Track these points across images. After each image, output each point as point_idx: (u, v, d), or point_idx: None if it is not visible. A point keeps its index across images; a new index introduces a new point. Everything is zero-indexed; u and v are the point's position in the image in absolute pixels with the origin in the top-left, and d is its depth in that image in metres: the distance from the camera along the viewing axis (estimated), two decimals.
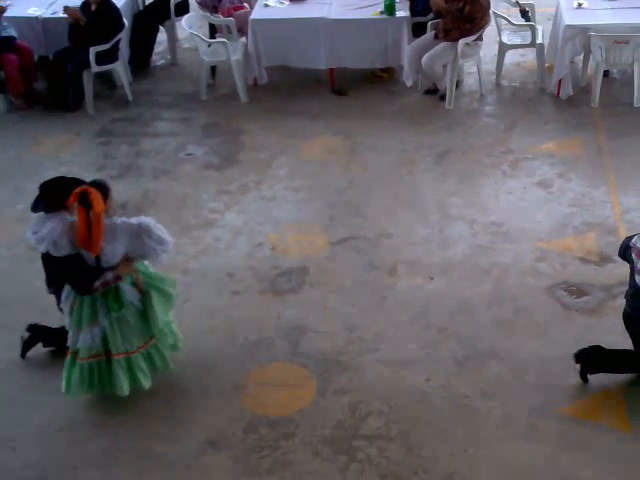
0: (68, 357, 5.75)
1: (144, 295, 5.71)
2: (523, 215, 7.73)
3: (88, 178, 8.08)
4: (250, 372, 6.16)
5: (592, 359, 5.83)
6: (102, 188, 5.44)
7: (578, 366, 5.87)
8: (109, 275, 5.49)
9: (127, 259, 5.54)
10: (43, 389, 6.05)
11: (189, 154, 9.05)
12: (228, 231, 7.74)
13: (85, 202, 5.26)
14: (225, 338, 6.48)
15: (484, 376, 6.03)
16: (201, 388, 6.04)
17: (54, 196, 5.48)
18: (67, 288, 5.62)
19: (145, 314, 5.73)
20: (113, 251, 5.43)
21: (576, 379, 5.88)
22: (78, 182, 5.53)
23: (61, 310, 5.77)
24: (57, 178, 5.67)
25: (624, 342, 5.85)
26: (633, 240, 5.42)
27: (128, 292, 5.63)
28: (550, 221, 7.63)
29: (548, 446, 5.47)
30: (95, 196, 5.28)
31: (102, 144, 9.32)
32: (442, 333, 6.44)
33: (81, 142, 9.40)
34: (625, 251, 5.53)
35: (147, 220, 5.58)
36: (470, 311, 6.64)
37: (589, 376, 5.87)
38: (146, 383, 5.85)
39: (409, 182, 8.36)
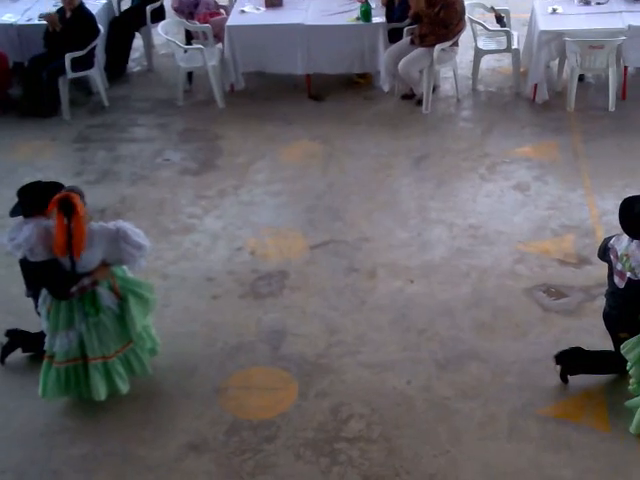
0: (45, 361, 5.72)
1: (122, 300, 5.68)
2: (501, 218, 7.77)
3: (66, 184, 8.13)
4: (231, 376, 6.15)
5: (572, 360, 5.86)
6: (79, 194, 5.42)
7: (558, 367, 5.90)
8: (86, 280, 5.47)
9: (104, 264, 5.51)
10: (23, 394, 6.00)
11: (166, 160, 9.03)
12: (207, 236, 7.72)
13: (66, 208, 5.24)
14: (205, 342, 6.46)
15: (465, 378, 6.05)
16: (182, 392, 6.01)
17: (32, 201, 5.46)
18: (44, 292, 5.58)
19: (123, 318, 5.71)
20: (90, 256, 5.41)
21: (556, 380, 5.90)
22: (56, 186, 5.51)
23: (39, 313, 5.73)
24: (34, 183, 5.66)
25: (603, 343, 5.89)
26: (611, 241, 5.46)
27: (105, 297, 5.61)
28: (528, 224, 7.67)
29: (530, 446, 5.49)
30: (78, 200, 5.26)
31: (79, 150, 9.28)
32: (422, 335, 6.45)
33: (57, 148, 9.35)
34: (605, 252, 5.56)
35: (124, 225, 5.56)
36: (450, 313, 6.66)
37: (569, 377, 5.90)
38: (124, 388, 5.82)
39: (388, 186, 8.37)
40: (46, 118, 9.84)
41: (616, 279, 5.40)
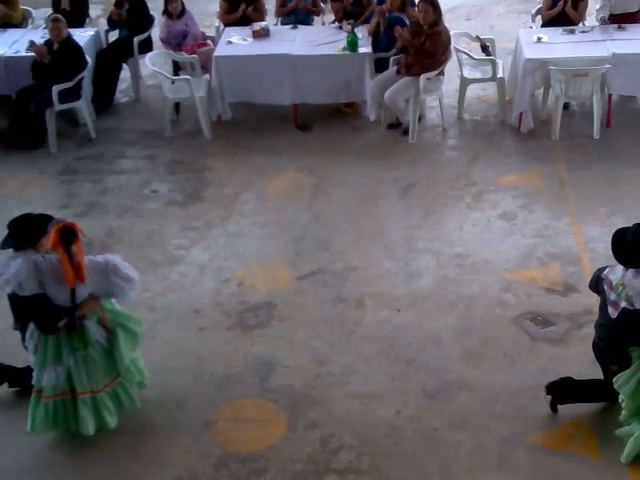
0: (33, 395, 5.69)
1: (110, 333, 5.66)
2: (488, 247, 7.80)
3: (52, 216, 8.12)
4: (219, 408, 6.12)
5: (563, 390, 5.86)
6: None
7: (548, 397, 5.90)
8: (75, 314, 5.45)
9: (92, 298, 5.50)
10: (9, 430, 5.97)
11: (154, 191, 9.03)
12: (194, 267, 7.72)
13: (68, 237, 5.25)
14: (193, 375, 6.44)
15: (454, 407, 6.04)
16: (170, 425, 5.98)
17: (23, 234, 5.45)
18: (31, 326, 5.56)
19: (111, 352, 5.69)
20: (81, 290, 5.40)
21: (545, 409, 5.91)
22: (46, 219, 5.51)
23: (26, 348, 5.71)
24: (25, 215, 5.65)
25: (590, 371, 5.90)
26: (605, 272, 5.46)
27: (94, 330, 5.59)
28: (514, 252, 7.70)
29: (519, 476, 5.48)
30: (78, 228, 5.29)
31: (66, 182, 9.28)
32: (411, 365, 6.45)
33: (44, 181, 9.35)
34: (597, 283, 5.56)
35: (113, 258, 5.57)
36: (438, 343, 6.66)
37: (559, 406, 5.90)
38: (112, 422, 5.79)
39: (374, 216, 8.40)
40: (33, 150, 9.85)
41: (609, 309, 5.39)
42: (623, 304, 5.27)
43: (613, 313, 5.35)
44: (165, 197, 8.92)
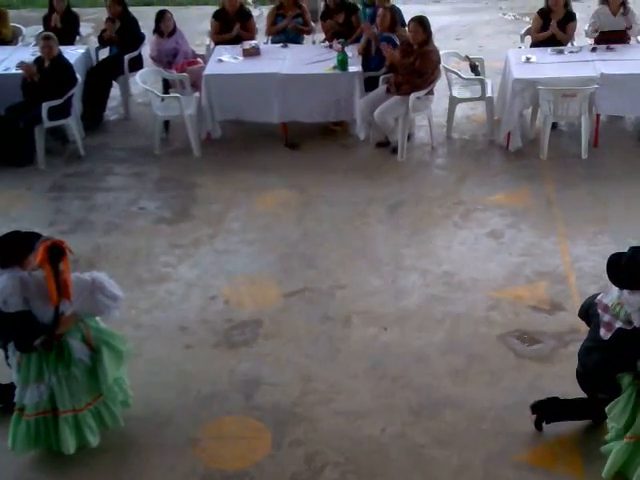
0: (15, 413, 5.65)
1: (94, 351, 5.63)
2: (475, 265, 7.80)
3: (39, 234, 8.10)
4: (204, 426, 6.09)
5: (548, 410, 5.85)
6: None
7: (534, 416, 5.89)
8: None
9: (70, 315, 5.46)
10: None
11: (142, 208, 9.02)
12: (181, 285, 7.70)
13: (56, 254, 5.23)
14: (178, 392, 6.41)
15: (440, 425, 6.03)
16: (154, 443, 5.95)
17: (9, 251, 5.42)
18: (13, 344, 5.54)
19: (94, 371, 5.65)
20: (66, 307, 5.38)
21: (530, 426, 5.89)
22: (33, 236, 5.49)
23: (9, 365, 5.68)
24: (12, 233, 5.61)
25: (576, 388, 5.87)
26: (599, 297, 5.45)
27: (77, 349, 5.56)
28: (501, 271, 7.70)
29: None
30: (66, 245, 5.29)
31: (54, 199, 9.27)
32: (397, 383, 6.43)
33: (32, 197, 9.33)
34: (588, 308, 5.56)
35: (100, 275, 5.55)
36: (424, 360, 6.65)
37: (544, 425, 5.89)
38: (94, 441, 5.74)
39: (362, 234, 8.40)
40: (21, 167, 9.84)
41: (602, 331, 5.34)
42: (618, 324, 5.24)
43: (606, 334, 5.32)
44: (153, 214, 8.91)
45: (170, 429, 6.07)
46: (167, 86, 10.74)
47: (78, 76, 10.10)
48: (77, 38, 11.64)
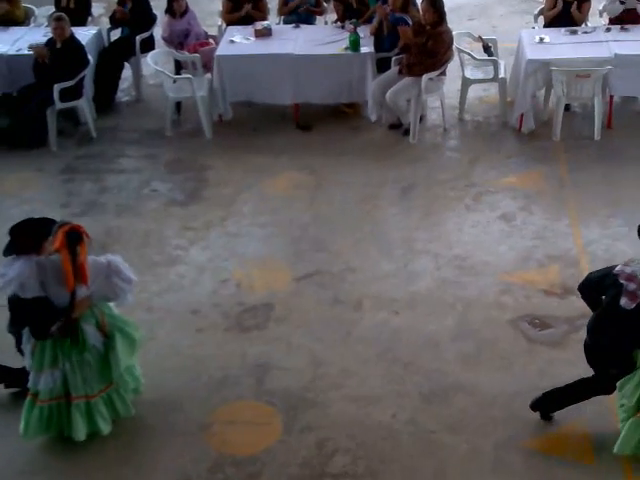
0: (28, 399, 5.67)
1: (108, 338, 5.65)
2: (487, 248, 7.78)
3: (52, 216, 8.11)
4: (215, 410, 6.12)
5: (547, 404, 5.84)
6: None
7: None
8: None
9: (84, 298, 5.47)
10: (4, 432, 5.96)
11: (153, 190, 9.02)
12: (193, 268, 7.71)
13: (74, 239, 5.25)
14: (190, 376, 6.43)
15: (450, 411, 6.03)
16: (166, 428, 5.98)
17: (25, 239, 5.42)
18: (28, 330, 5.56)
19: (107, 358, 5.67)
20: (81, 292, 5.39)
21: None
22: (47, 222, 5.50)
23: (20, 352, 5.70)
24: (26, 220, 5.62)
25: (588, 373, 5.87)
26: (618, 268, 5.34)
27: (91, 335, 5.57)
28: (513, 254, 7.68)
29: None
30: (84, 231, 5.32)
31: (65, 181, 9.28)
32: (408, 368, 6.44)
33: (44, 179, 9.34)
34: (601, 280, 5.45)
35: (115, 259, 5.56)
36: (435, 345, 6.65)
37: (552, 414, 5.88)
38: (105, 428, 5.77)
39: (374, 217, 8.39)
40: (33, 149, 9.83)
41: (624, 301, 5.23)
42: None
43: (629, 304, 5.20)
44: (165, 196, 8.91)
45: (181, 414, 6.10)
46: (179, 67, 10.71)
47: (90, 57, 10.07)
48: (89, 19, 11.60)
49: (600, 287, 5.49)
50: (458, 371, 6.38)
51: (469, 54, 10.12)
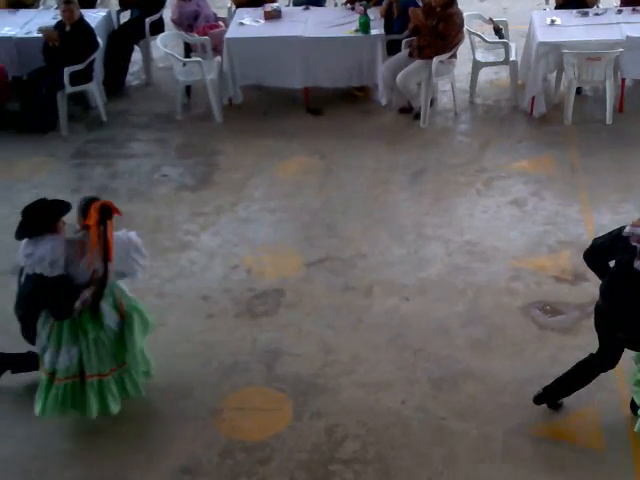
0: (44, 378, 5.69)
1: (126, 318, 5.67)
2: (497, 234, 7.77)
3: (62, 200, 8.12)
4: (226, 396, 6.14)
5: (549, 397, 5.82)
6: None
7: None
8: (85, 294, 5.45)
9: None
10: (15, 418, 6.00)
11: (164, 175, 9.02)
12: (203, 253, 7.72)
13: (106, 214, 5.30)
14: (200, 362, 6.45)
15: (460, 397, 6.04)
16: (176, 413, 6.00)
17: (39, 220, 5.43)
18: (44, 312, 5.57)
19: (121, 338, 5.69)
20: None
21: None
22: (60, 203, 5.51)
23: (27, 338, 5.71)
24: (39, 201, 5.62)
25: None
26: (627, 230, 5.23)
27: (108, 314, 5.60)
28: (524, 240, 7.66)
29: (524, 467, 5.48)
30: (115, 207, 5.38)
31: (76, 166, 9.28)
32: (418, 354, 6.44)
33: (55, 164, 9.35)
34: (612, 244, 5.32)
35: (134, 234, 5.63)
36: (446, 332, 6.65)
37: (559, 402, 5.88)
38: (115, 408, 5.79)
39: (384, 202, 8.38)
40: (44, 133, 9.84)
41: (637, 263, 5.14)
42: None
43: None
44: (175, 181, 8.91)
45: (192, 400, 6.12)
46: (188, 50, 10.68)
47: (99, 40, 10.04)
48: (98, 1, 11.58)
49: (610, 251, 5.37)
50: (468, 357, 6.38)
51: (480, 36, 10.06)
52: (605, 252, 5.43)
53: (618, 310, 5.37)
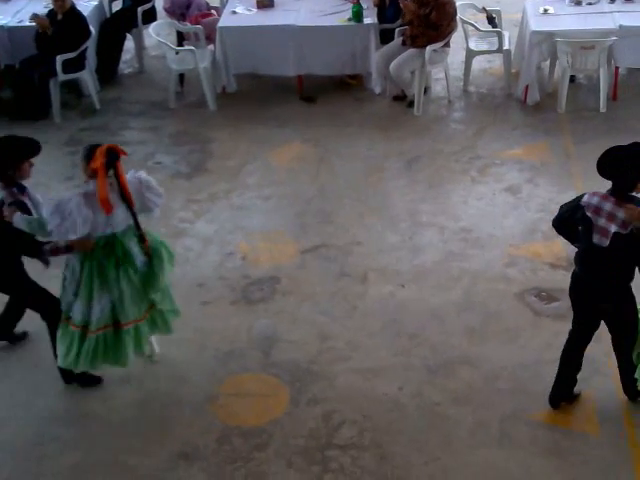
0: (75, 332, 5.66)
1: (154, 253, 5.71)
2: (492, 221, 7.78)
3: (58, 188, 8.14)
4: (222, 383, 6.15)
5: (561, 395, 5.80)
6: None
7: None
8: (61, 243, 5.44)
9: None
10: (13, 402, 6.01)
11: (158, 163, 9.01)
12: (198, 240, 7.71)
13: (114, 158, 5.32)
14: (196, 349, 6.45)
15: (456, 383, 6.06)
16: (173, 400, 6.01)
17: (3, 156, 5.50)
18: (71, 264, 5.56)
19: (150, 278, 5.71)
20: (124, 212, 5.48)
21: (547, 385, 5.87)
22: (31, 143, 5.69)
23: (42, 260, 5.69)
24: (9, 137, 5.71)
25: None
26: (584, 199, 5.18)
27: (137, 256, 5.65)
28: (519, 227, 7.68)
29: (520, 452, 5.50)
30: (120, 148, 5.42)
31: (70, 153, 9.24)
32: (413, 341, 6.45)
33: (48, 152, 9.13)
34: (573, 213, 5.27)
35: (144, 174, 5.66)
36: (441, 318, 6.67)
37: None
38: (146, 348, 5.91)
39: (379, 189, 8.38)
40: (37, 121, 9.80)
41: (596, 238, 5.09)
42: (613, 229, 4.97)
43: (603, 241, 5.05)
44: (169, 169, 8.90)
45: (188, 386, 6.13)
46: (181, 38, 10.65)
47: (92, 29, 10.01)
48: None
49: (572, 221, 5.33)
50: (464, 344, 6.40)
51: (473, 25, 10.06)
52: (569, 221, 5.39)
53: (593, 280, 5.31)
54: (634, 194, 5.03)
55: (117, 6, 11.37)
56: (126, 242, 5.57)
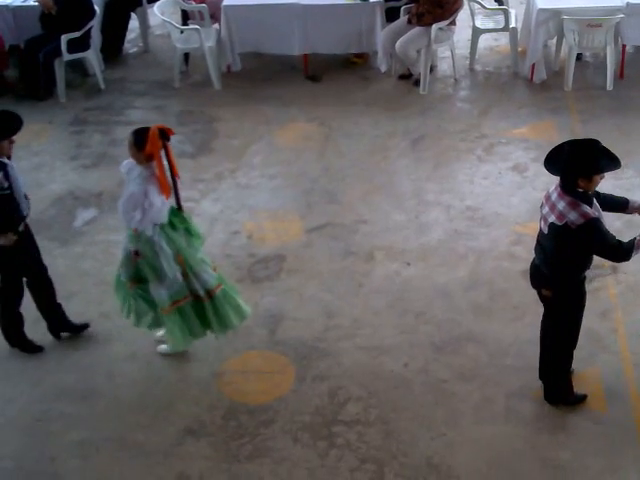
0: (171, 311, 5.75)
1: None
2: (498, 200, 7.76)
3: (62, 168, 8.13)
4: (228, 360, 6.16)
5: (551, 392, 5.77)
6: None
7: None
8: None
9: None
10: (20, 380, 6.04)
11: None
12: (204, 219, 7.70)
13: (166, 137, 5.51)
14: None
15: (462, 360, 6.06)
16: (180, 377, 6.04)
17: None
18: (157, 247, 5.59)
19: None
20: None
21: None
22: (13, 119, 5.80)
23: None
24: None
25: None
26: (550, 190, 5.23)
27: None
28: (525, 205, 7.66)
29: (526, 428, 5.52)
30: (168, 127, 5.58)
31: (75, 133, 9.24)
32: (419, 318, 6.46)
33: (53, 131, 9.31)
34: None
35: None
36: (447, 296, 6.66)
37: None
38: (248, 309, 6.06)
39: (385, 168, 8.36)
40: (42, 101, 9.80)
41: (541, 223, 5.20)
42: (552, 219, 5.04)
43: (544, 228, 5.15)
44: (175, 148, 8.61)
45: (194, 363, 6.15)
46: (186, 17, 10.60)
47: (96, 8, 9.97)
48: None
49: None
50: (470, 321, 6.40)
51: (479, 3, 10.00)
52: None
53: (538, 264, 5.36)
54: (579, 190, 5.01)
55: None
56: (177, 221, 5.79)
